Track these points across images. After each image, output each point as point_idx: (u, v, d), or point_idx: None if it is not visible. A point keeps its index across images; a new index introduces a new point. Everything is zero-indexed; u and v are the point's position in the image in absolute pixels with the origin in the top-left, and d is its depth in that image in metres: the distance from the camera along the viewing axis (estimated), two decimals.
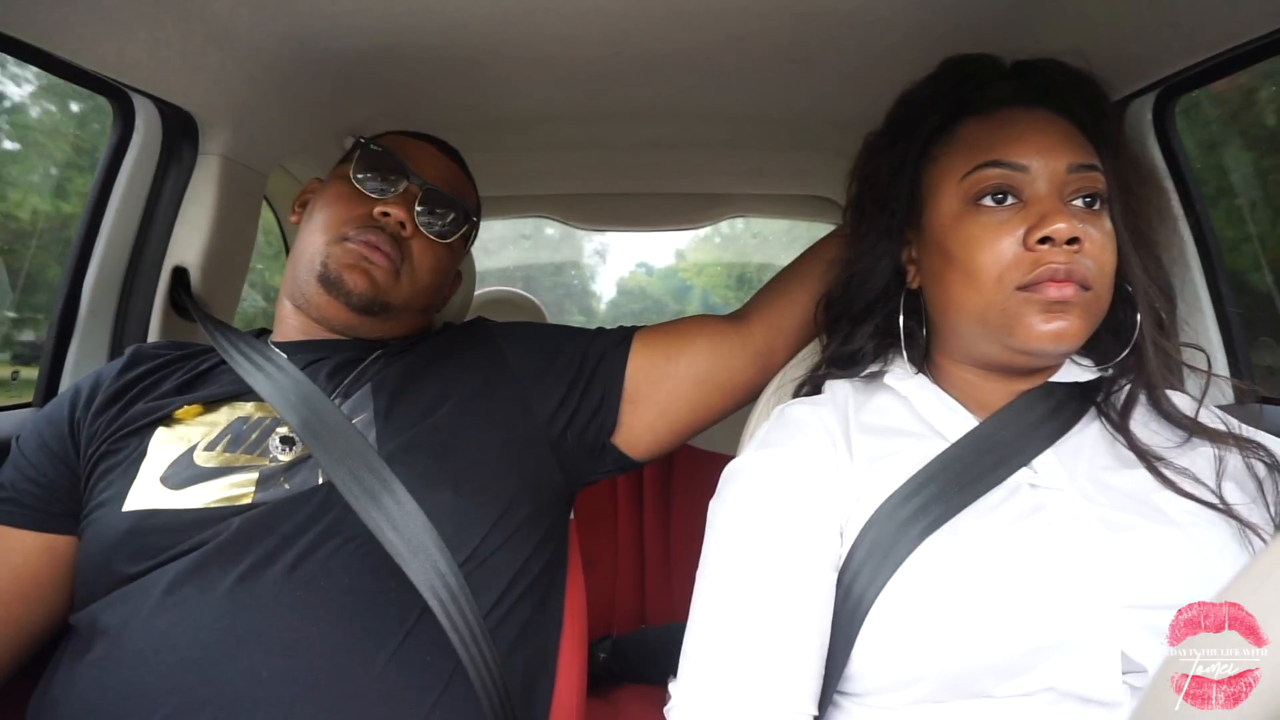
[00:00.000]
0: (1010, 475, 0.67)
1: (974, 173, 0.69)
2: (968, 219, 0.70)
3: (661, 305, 4.09)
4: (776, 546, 0.66)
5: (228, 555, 0.72)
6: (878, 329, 0.82)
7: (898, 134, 0.80)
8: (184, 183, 1.11)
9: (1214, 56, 0.85)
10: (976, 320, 0.70)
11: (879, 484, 0.68)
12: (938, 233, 0.73)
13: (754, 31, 1.01)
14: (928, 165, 0.76)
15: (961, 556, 0.62)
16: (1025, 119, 0.72)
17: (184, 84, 0.99)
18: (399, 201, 0.94)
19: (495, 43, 1.04)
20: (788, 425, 0.75)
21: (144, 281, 1.11)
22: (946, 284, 0.72)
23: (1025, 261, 0.66)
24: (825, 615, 0.65)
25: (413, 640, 0.73)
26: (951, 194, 0.72)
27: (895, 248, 0.79)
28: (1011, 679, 0.59)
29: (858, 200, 0.84)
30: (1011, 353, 0.69)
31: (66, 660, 0.74)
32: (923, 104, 0.78)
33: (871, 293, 0.81)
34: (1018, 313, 0.66)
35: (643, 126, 1.48)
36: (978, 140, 0.72)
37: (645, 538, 1.73)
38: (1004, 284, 0.67)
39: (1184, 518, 0.63)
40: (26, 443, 0.85)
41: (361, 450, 0.78)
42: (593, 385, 0.95)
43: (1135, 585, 0.60)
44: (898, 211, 0.78)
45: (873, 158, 0.82)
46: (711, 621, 0.66)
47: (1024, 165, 0.68)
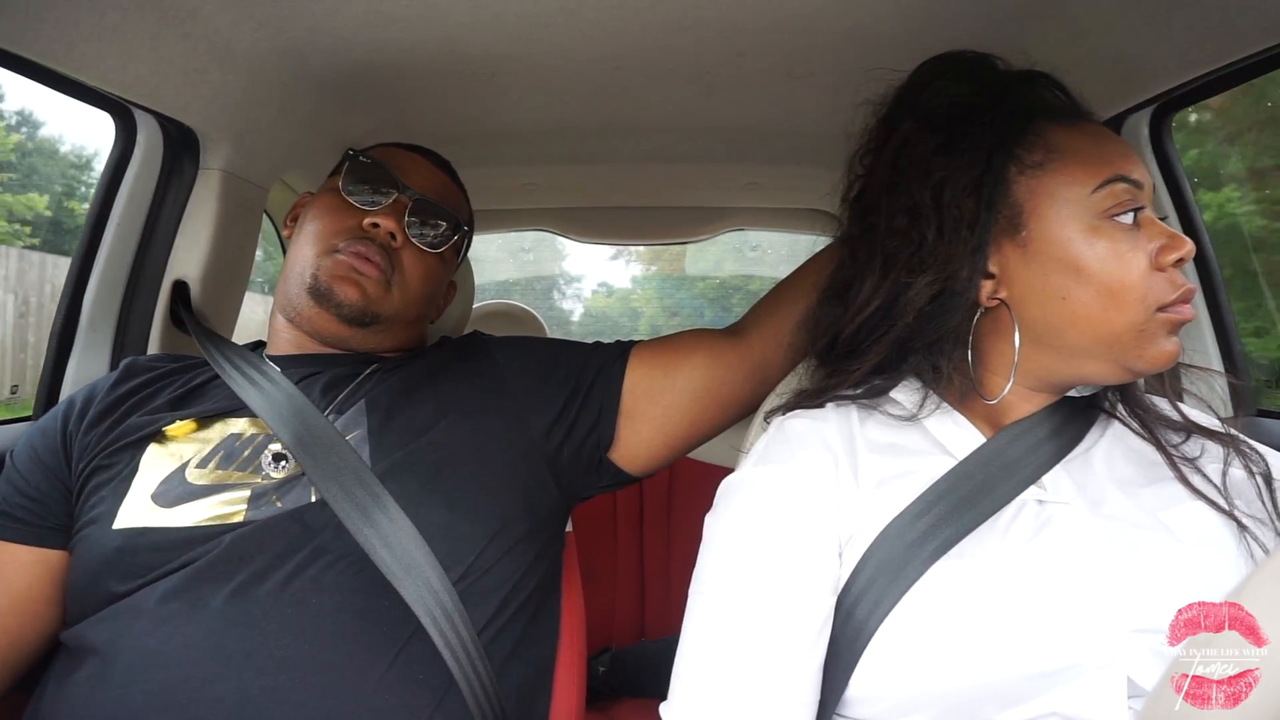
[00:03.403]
0: (1019, 492, 0.66)
1: (1107, 185, 0.65)
2: (1104, 234, 0.65)
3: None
4: (773, 567, 0.65)
5: (219, 573, 0.72)
6: (929, 353, 0.72)
7: (953, 138, 0.70)
8: (185, 197, 1.12)
9: (1210, 72, 0.85)
10: (1107, 340, 0.66)
11: (886, 505, 0.66)
12: (1058, 247, 0.66)
13: (753, 46, 1.01)
14: (1019, 174, 0.69)
15: (970, 581, 0.61)
16: (1105, 132, 0.70)
17: (185, 99, 0.99)
18: (389, 212, 0.94)
19: (495, 57, 1.05)
20: (788, 440, 0.72)
21: (144, 295, 1.12)
22: (1072, 302, 0.66)
23: (1163, 282, 0.65)
24: (822, 639, 0.63)
25: (405, 658, 0.72)
26: (1076, 205, 0.66)
27: (982, 263, 0.69)
28: (1016, 705, 0.58)
29: (914, 214, 0.70)
30: (1123, 372, 0.67)
31: (57, 677, 0.73)
32: (985, 106, 0.71)
33: (951, 318, 0.70)
34: (1153, 334, 0.65)
35: (642, 140, 1.48)
36: (1086, 150, 0.67)
37: (645, 550, 1.72)
38: (1148, 304, 0.64)
39: (1192, 536, 0.63)
40: (19, 456, 0.84)
41: (355, 467, 0.78)
42: (590, 400, 0.95)
43: (1143, 609, 0.59)
44: (987, 224, 0.69)
45: (924, 166, 0.70)
46: (703, 642, 0.65)
47: (1140, 183, 0.67)
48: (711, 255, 3.68)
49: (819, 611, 0.63)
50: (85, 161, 3.04)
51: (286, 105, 1.13)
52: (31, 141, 3.22)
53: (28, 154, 3.21)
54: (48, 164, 3.28)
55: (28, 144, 3.20)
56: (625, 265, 4.37)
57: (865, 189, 0.77)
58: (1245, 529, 0.64)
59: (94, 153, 3.15)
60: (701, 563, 0.69)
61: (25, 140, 3.18)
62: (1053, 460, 0.68)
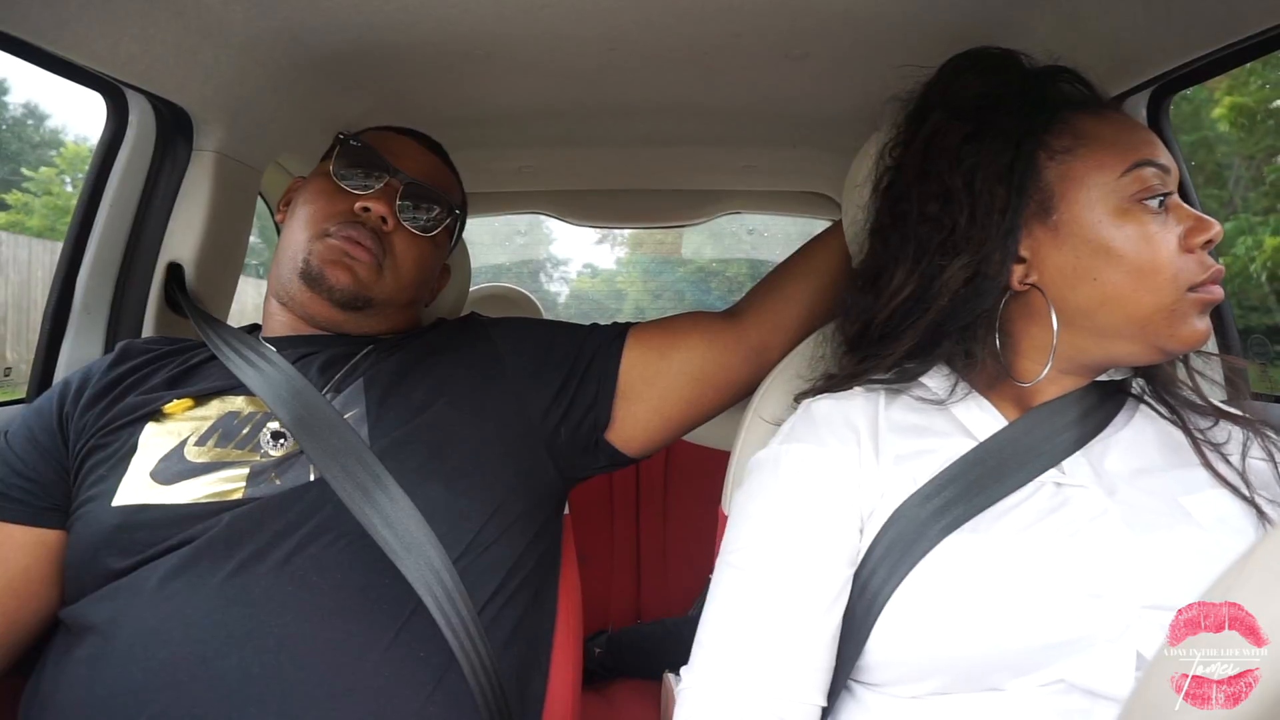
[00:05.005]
0: (1035, 476, 0.67)
1: (1134, 170, 0.67)
2: (1134, 217, 0.67)
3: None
4: (797, 541, 0.68)
5: (219, 551, 0.72)
6: (962, 338, 0.73)
7: (982, 126, 0.72)
8: (178, 179, 1.11)
9: (1209, 54, 0.85)
10: (1139, 320, 0.67)
11: (904, 482, 0.68)
12: (1088, 229, 0.68)
13: (751, 27, 1.00)
14: (1049, 159, 0.70)
15: (981, 553, 0.63)
16: (1130, 120, 0.71)
17: (178, 80, 0.98)
18: (380, 196, 0.94)
19: (491, 38, 1.04)
20: (813, 420, 0.75)
21: (138, 277, 1.11)
22: (1103, 283, 0.67)
23: (1193, 263, 0.66)
24: (839, 609, 0.66)
25: (406, 636, 0.73)
26: (1106, 189, 0.68)
27: (1014, 246, 0.71)
28: (1025, 674, 0.60)
29: (946, 199, 0.72)
30: (1154, 352, 0.68)
31: (56, 656, 0.74)
32: (1011, 98, 0.72)
33: (984, 301, 0.71)
34: (1184, 313, 0.66)
35: (639, 123, 1.47)
36: (1113, 137, 0.69)
37: (641, 533, 1.73)
38: (1178, 284, 0.66)
39: (1209, 521, 0.64)
40: (15, 437, 0.84)
41: (354, 446, 0.78)
42: (587, 381, 0.95)
43: (1155, 586, 0.60)
44: (1018, 209, 0.70)
45: (954, 154, 0.72)
46: (728, 611, 0.68)
47: (1167, 167, 0.68)
48: (693, 241, 3.72)
49: (835, 582, 0.66)
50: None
51: (280, 86, 1.12)
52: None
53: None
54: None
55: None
56: (611, 249, 4.42)
57: (895, 180, 0.79)
58: (1265, 515, 0.65)
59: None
60: (729, 535, 0.73)
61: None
62: (1075, 446, 0.69)
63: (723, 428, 1.09)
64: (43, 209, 4.45)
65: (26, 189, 4.54)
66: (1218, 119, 3.20)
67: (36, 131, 4.97)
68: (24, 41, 0.81)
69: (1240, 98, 3.21)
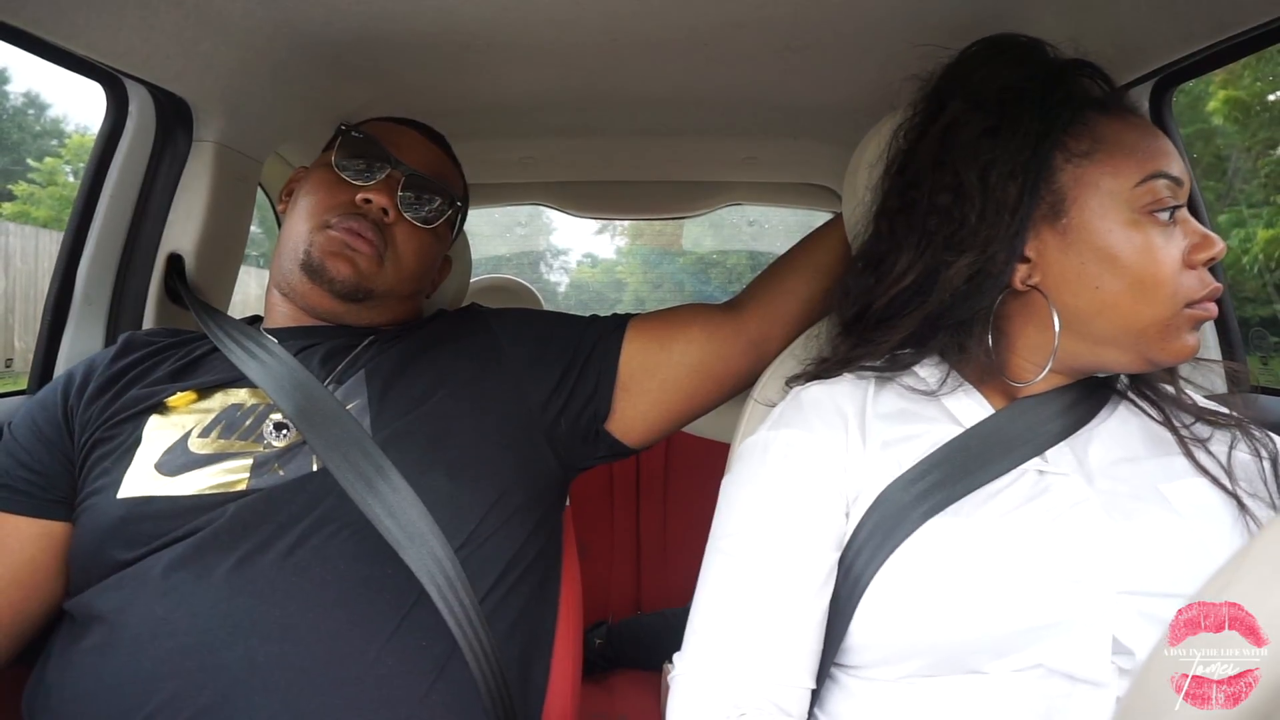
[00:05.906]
0: (1019, 464, 0.68)
1: (1148, 181, 0.66)
2: (1142, 228, 0.66)
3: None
4: (785, 526, 0.69)
5: (223, 541, 0.73)
6: (957, 332, 0.73)
7: (1003, 121, 0.70)
8: (178, 169, 1.11)
9: (1212, 45, 0.85)
10: (1133, 331, 0.67)
11: (889, 467, 0.69)
12: (1097, 236, 0.67)
13: (753, 18, 1.00)
14: (1065, 161, 0.69)
15: (961, 537, 0.64)
16: (1149, 127, 0.70)
17: (177, 70, 0.98)
18: (381, 188, 0.94)
19: (491, 29, 1.03)
20: (802, 406, 0.76)
21: (139, 269, 1.11)
22: (1104, 291, 0.67)
23: (1193, 279, 0.66)
24: (826, 593, 0.67)
25: (408, 625, 0.74)
26: (1119, 198, 0.67)
27: (1020, 247, 0.70)
28: (1004, 657, 0.61)
29: (958, 193, 0.71)
30: (1143, 362, 0.69)
31: (61, 646, 0.74)
32: (1035, 92, 0.71)
33: (983, 299, 0.71)
34: (1178, 328, 0.66)
35: (639, 114, 1.47)
36: (1132, 144, 0.68)
37: (641, 525, 1.74)
38: (1177, 300, 0.66)
39: (1188, 509, 0.65)
40: (19, 428, 0.85)
41: (357, 436, 0.79)
42: (586, 372, 0.95)
43: (1132, 571, 0.61)
44: (1029, 209, 0.69)
45: (972, 146, 0.70)
46: (718, 597, 0.69)
47: (1181, 180, 0.67)
48: (692, 232, 3.73)
49: (823, 566, 0.67)
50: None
51: (280, 77, 1.11)
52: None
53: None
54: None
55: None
56: (611, 240, 4.44)
57: (908, 163, 0.77)
58: (1245, 508, 0.66)
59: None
60: (718, 521, 0.74)
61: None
62: (1058, 436, 0.70)
63: (723, 419, 1.09)
64: (49, 200, 4.46)
65: (32, 179, 4.53)
66: (1212, 112, 3.20)
67: (38, 121, 4.97)
68: (24, 31, 0.80)
69: (1235, 91, 3.22)
